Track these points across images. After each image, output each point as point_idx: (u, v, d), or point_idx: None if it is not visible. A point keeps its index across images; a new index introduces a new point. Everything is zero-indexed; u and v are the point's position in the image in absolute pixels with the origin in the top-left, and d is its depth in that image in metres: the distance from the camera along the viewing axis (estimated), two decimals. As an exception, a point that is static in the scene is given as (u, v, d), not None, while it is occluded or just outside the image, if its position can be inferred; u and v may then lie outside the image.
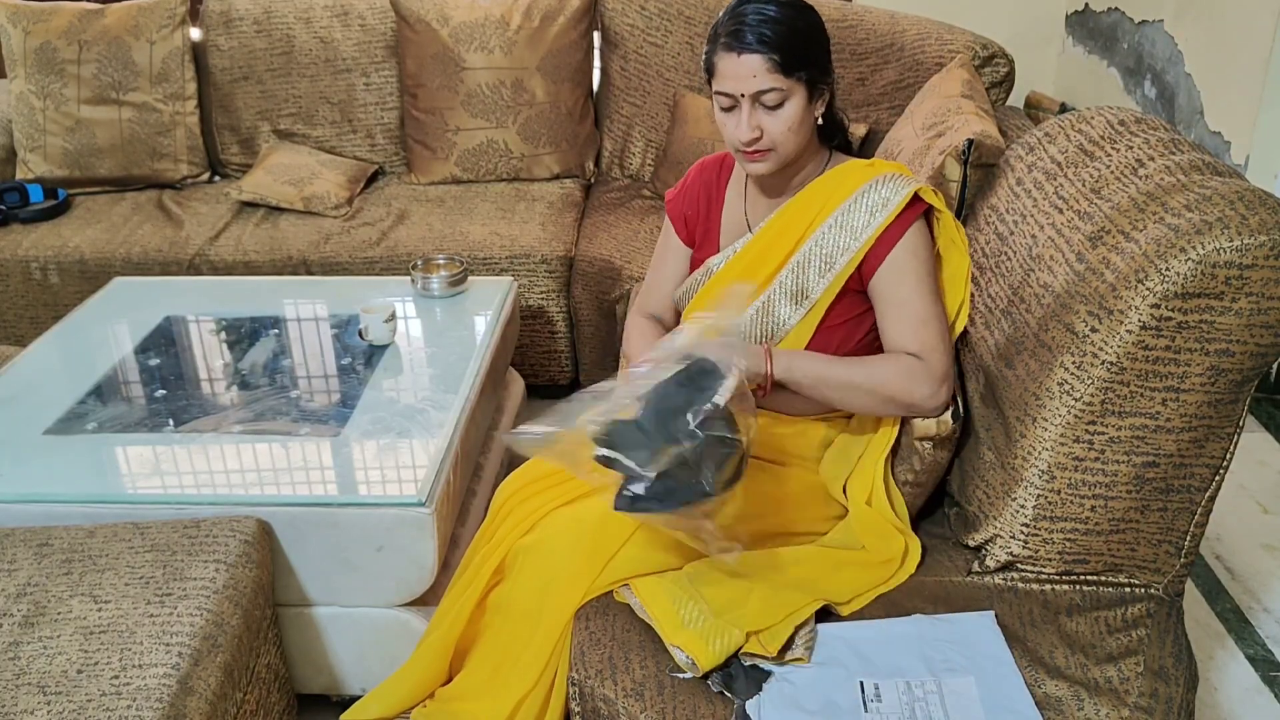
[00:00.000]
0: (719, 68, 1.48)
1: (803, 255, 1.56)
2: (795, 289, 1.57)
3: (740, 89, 1.46)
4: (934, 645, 1.37)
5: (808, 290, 1.56)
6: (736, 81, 1.46)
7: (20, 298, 2.79)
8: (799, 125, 1.49)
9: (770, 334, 1.59)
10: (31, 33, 3.04)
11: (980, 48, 2.39)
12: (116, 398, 2.01)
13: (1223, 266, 1.24)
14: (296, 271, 2.73)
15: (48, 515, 1.68)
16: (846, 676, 1.32)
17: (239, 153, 3.23)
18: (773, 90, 1.46)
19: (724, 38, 1.47)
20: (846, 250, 1.53)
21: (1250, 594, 2.15)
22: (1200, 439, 1.36)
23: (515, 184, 3.10)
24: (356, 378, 2.06)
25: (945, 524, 1.65)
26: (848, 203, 1.53)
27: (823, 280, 1.55)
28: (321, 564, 1.71)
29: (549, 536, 1.53)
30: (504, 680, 1.51)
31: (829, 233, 1.54)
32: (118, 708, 1.31)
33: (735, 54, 1.45)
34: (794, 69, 1.45)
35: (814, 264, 1.55)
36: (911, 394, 1.48)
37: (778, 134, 1.49)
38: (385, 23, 3.13)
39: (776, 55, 1.44)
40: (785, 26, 1.45)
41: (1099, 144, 1.53)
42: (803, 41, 1.46)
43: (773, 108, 1.47)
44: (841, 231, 1.53)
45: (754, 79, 1.45)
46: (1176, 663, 1.37)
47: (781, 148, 1.51)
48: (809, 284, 1.56)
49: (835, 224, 1.54)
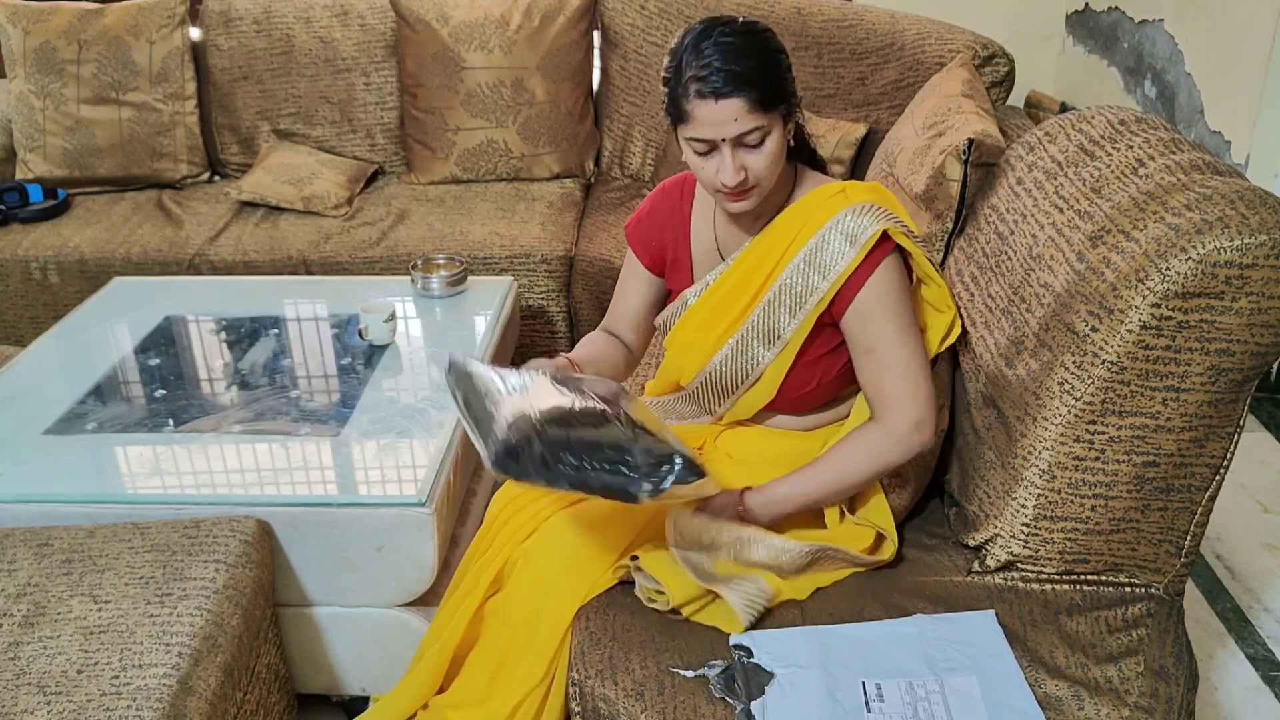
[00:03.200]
0: (694, 115, 1.39)
1: (773, 294, 1.52)
2: (766, 329, 1.54)
3: (721, 134, 1.38)
4: (935, 645, 1.37)
5: (779, 331, 1.53)
6: (716, 128, 1.38)
7: (20, 298, 2.79)
8: (779, 157, 1.44)
9: (746, 374, 1.57)
10: (31, 33, 3.04)
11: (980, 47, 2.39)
12: (116, 398, 2.00)
13: (1223, 266, 1.24)
14: (296, 271, 2.73)
15: (48, 515, 1.67)
16: (849, 677, 1.32)
17: (239, 152, 3.23)
18: (754, 130, 1.39)
19: (695, 83, 1.37)
20: (816, 291, 1.49)
21: (1250, 593, 2.15)
22: (1200, 438, 1.36)
23: (515, 184, 3.10)
24: (356, 378, 2.06)
25: (945, 524, 1.65)
26: (818, 237, 1.48)
27: (794, 320, 1.52)
28: (321, 564, 1.71)
29: (547, 542, 1.53)
30: (502, 686, 1.50)
31: (799, 270, 1.49)
32: (118, 708, 1.31)
33: (712, 100, 1.36)
34: (773, 104, 1.39)
35: (784, 304, 1.52)
36: (889, 460, 1.48)
37: (762, 170, 1.42)
38: (385, 22, 3.13)
39: (757, 94, 1.37)
40: (754, 60, 1.37)
41: (1099, 144, 1.53)
42: (776, 73, 1.40)
43: (755, 146, 1.41)
44: (811, 270, 1.48)
45: (735, 123, 1.37)
46: (1177, 662, 1.37)
47: (766, 182, 1.45)
48: (780, 324, 1.53)
49: (805, 261, 1.49)
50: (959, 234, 1.77)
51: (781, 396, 1.59)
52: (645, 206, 1.69)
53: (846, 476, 1.49)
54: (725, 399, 1.63)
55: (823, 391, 1.60)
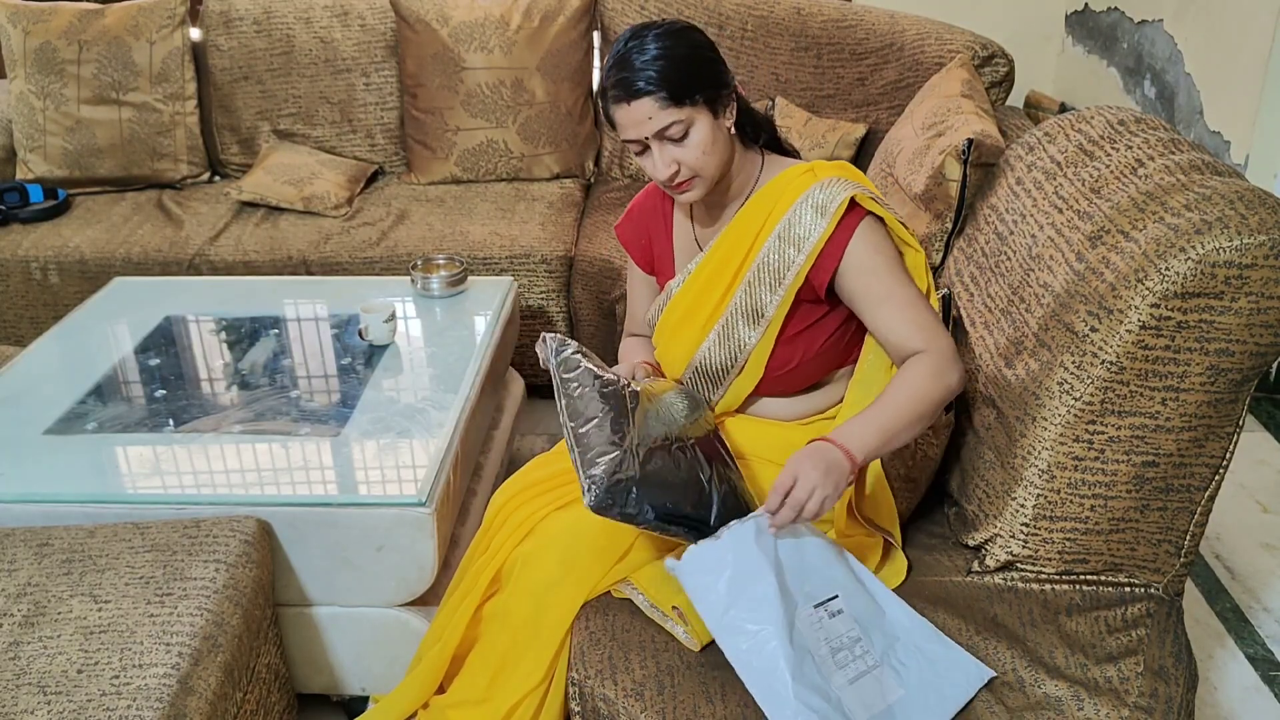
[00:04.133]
0: (616, 119, 1.48)
1: (753, 273, 1.55)
2: (750, 309, 1.56)
3: (641, 133, 1.46)
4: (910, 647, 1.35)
5: (762, 309, 1.55)
6: (635, 127, 1.46)
7: (20, 298, 2.79)
8: (712, 146, 1.48)
9: (734, 356, 1.59)
10: (31, 33, 3.04)
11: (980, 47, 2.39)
12: (116, 398, 2.01)
13: (1222, 266, 1.25)
14: (296, 271, 2.73)
15: (48, 515, 1.68)
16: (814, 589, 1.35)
17: (239, 153, 3.23)
18: (673, 124, 1.45)
19: (611, 90, 1.46)
20: (793, 264, 1.51)
21: (1250, 593, 2.15)
22: (1200, 438, 1.36)
23: (515, 184, 3.10)
24: (356, 378, 2.06)
25: (945, 524, 1.65)
26: (789, 213, 1.51)
27: (775, 297, 1.54)
28: (321, 564, 1.71)
29: (545, 543, 1.53)
30: (502, 686, 1.51)
31: (774, 246, 1.53)
32: (118, 707, 1.31)
33: (626, 103, 1.45)
34: (685, 97, 1.44)
35: (764, 281, 1.54)
36: (950, 386, 1.45)
37: (694, 161, 1.48)
38: (385, 23, 3.13)
39: (664, 91, 1.43)
40: (666, 60, 1.43)
41: (1099, 144, 1.53)
42: (688, 68, 1.45)
43: (680, 139, 1.46)
44: (786, 245, 1.52)
45: (650, 120, 1.45)
46: (1176, 662, 1.37)
47: (704, 171, 1.49)
48: (762, 302, 1.55)
49: (779, 237, 1.52)
50: (958, 234, 1.77)
51: (766, 377, 1.60)
52: (632, 209, 1.74)
53: (920, 403, 1.42)
54: (716, 388, 1.64)
55: (805, 371, 1.60)
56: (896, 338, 1.49)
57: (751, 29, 2.92)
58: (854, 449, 1.37)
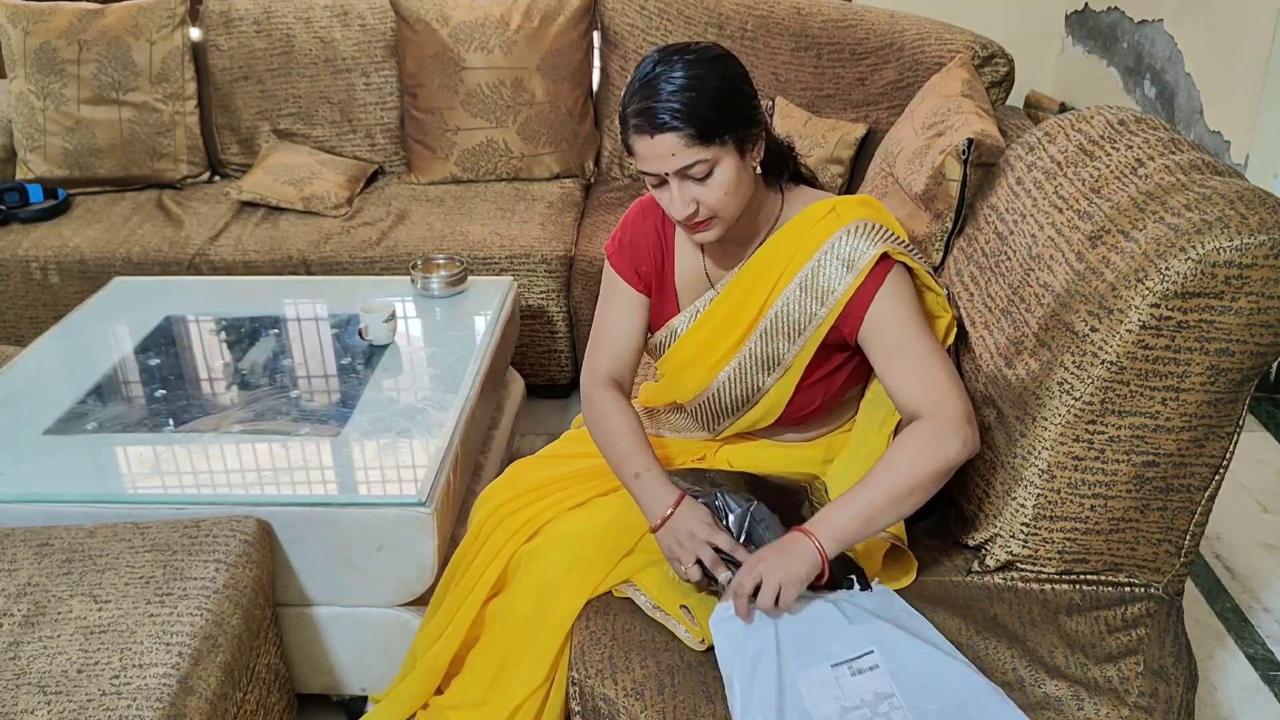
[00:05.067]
0: (636, 150, 1.35)
1: (769, 322, 1.48)
2: (766, 357, 1.51)
3: (662, 169, 1.34)
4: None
5: (779, 357, 1.50)
6: (656, 162, 1.34)
7: (20, 298, 2.79)
8: (735, 187, 1.37)
9: (748, 398, 1.56)
10: (31, 33, 3.04)
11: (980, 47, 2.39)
12: (116, 398, 2.01)
13: (1222, 266, 1.24)
14: (296, 271, 2.73)
15: (48, 515, 1.68)
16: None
17: (239, 153, 3.23)
18: (697, 164, 1.33)
19: (634, 119, 1.34)
20: (815, 317, 1.45)
21: (1250, 593, 2.15)
22: (1200, 438, 1.36)
23: (515, 184, 3.10)
24: (356, 378, 2.06)
25: (945, 524, 1.65)
26: (812, 262, 1.44)
27: (794, 347, 1.49)
28: (321, 564, 1.71)
29: (550, 544, 1.52)
30: (503, 687, 1.50)
31: (794, 297, 1.46)
32: (118, 707, 1.31)
33: (648, 135, 1.32)
34: (714, 136, 1.32)
35: (781, 331, 1.48)
36: (950, 458, 1.36)
37: (715, 202, 1.37)
38: (385, 23, 3.13)
39: (692, 129, 1.31)
40: (697, 93, 1.31)
41: (1099, 143, 1.53)
42: (720, 103, 1.33)
43: (702, 179, 1.35)
44: (808, 296, 1.45)
45: (673, 157, 1.32)
46: (1176, 662, 1.37)
47: (723, 213, 1.39)
48: (780, 351, 1.50)
49: (800, 288, 1.45)
50: (958, 234, 1.77)
51: (786, 417, 1.58)
52: (626, 232, 1.60)
53: (908, 481, 1.34)
54: (726, 418, 1.62)
55: (826, 408, 1.60)
56: (904, 396, 1.41)
57: (751, 29, 2.92)
58: (826, 541, 1.33)
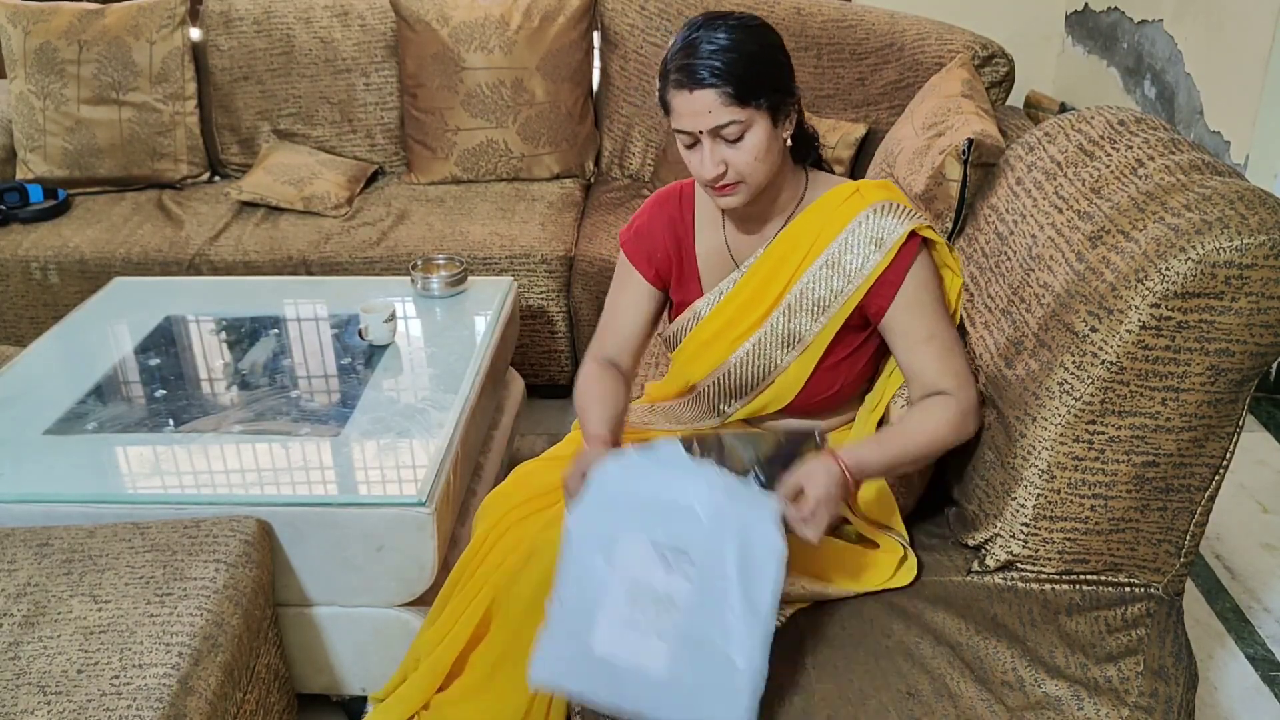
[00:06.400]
0: (673, 105, 1.40)
1: (793, 298, 1.51)
2: (787, 333, 1.53)
3: (697, 126, 1.38)
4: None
5: (800, 334, 1.52)
6: (693, 119, 1.38)
7: (20, 298, 2.79)
8: (765, 153, 1.41)
9: (763, 375, 1.57)
10: (31, 33, 3.04)
11: (980, 47, 2.39)
12: (116, 398, 2.01)
13: (1222, 266, 1.25)
14: (296, 271, 2.73)
15: (48, 515, 1.68)
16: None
17: (239, 153, 3.23)
18: (731, 124, 1.37)
19: (674, 74, 1.39)
20: (840, 294, 1.49)
21: (1250, 593, 2.15)
22: (1200, 438, 1.36)
23: (515, 184, 3.10)
24: (356, 378, 2.06)
25: (945, 524, 1.65)
26: (839, 240, 1.48)
27: (816, 324, 1.51)
28: (321, 564, 1.71)
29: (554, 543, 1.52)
30: (506, 683, 1.50)
31: (820, 274, 1.49)
32: (118, 708, 1.31)
33: (688, 90, 1.37)
34: (750, 98, 1.37)
35: (805, 308, 1.51)
36: (962, 435, 1.48)
37: (744, 166, 1.41)
38: (385, 23, 3.13)
39: (730, 87, 1.35)
40: (737, 54, 1.36)
41: (1099, 144, 1.53)
42: (758, 67, 1.38)
43: (735, 140, 1.39)
44: (834, 273, 1.48)
45: (709, 114, 1.37)
46: (1176, 662, 1.37)
47: (751, 178, 1.43)
48: (801, 328, 1.52)
49: (826, 265, 1.48)
50: (958, 234, 1.77)
51: (803, 399, 1.58)
52: (642, 220, 1.63)
53: (931, 445, 1.46)
54: (737, 399, 1.62)
55: (843, 395, 1.60)
56: (928, 377, 1.49)
57: (751, 29, 2.92)
58: (854, 472, 1.35)
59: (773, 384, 1.57)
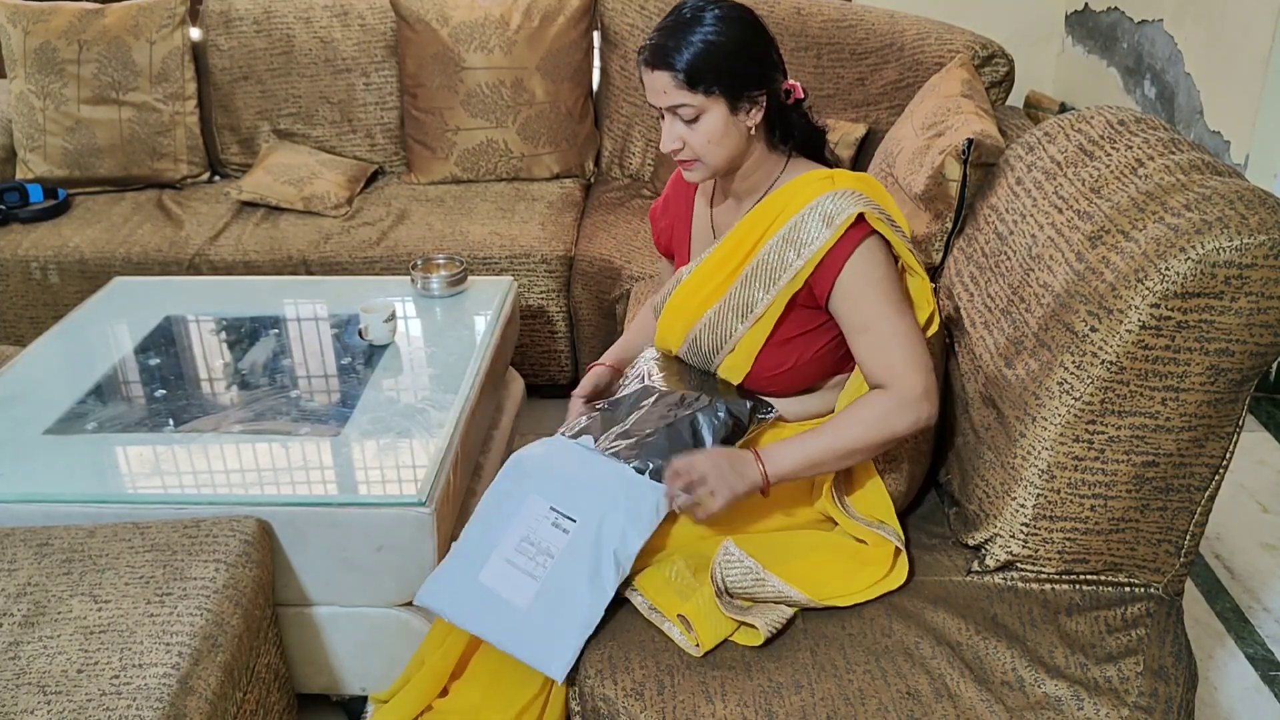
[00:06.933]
0: (642, 80, 1.51)
1: (750, 269, 1.55)
2: (741, 303, 1.56)
3: (656, 102, 1.50)
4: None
5: (753, 305, 1.55)
6: (652, 95, 1.50)
7: (20, 298, 2.79)
8: (720, 138, 1.50)
9: (719, 344, 1.60)
10: (31, 33, 3.04)
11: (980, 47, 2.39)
12: (116, 398, 2.01)
13: (1222, 266, 1.25)
14: (296, 271, 2.73)
15: (48, 515, 1.68)
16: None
17: (239, 153, 3.23)
18: (684, 105, 1.47)
19: (644, 50, 1.49)
20: (790, 267, 1.51)
21: (1250, 593, 2.15)
22: (1200, 438, 1.36)
23: (515, 184, 3.10)
24: (356, 378, 2.06)
25: (945, 523, 1.65)
26: (798, 217, 1.50)
27: (767, 295, 1.54)
28: (321, 564, 1.71)
29: None
30: (505, 686, 1.50)
31: (775, 248, 1.52)
32: (118, 707, 1.31)
33: (649, 69, 1.48)
34: (700, 84, 1.45)
35: (759, 279, 1.54)
36: (895, 429, 1.46)
37: (699, 146, 1.51)
38: (385, 23, 3.13)
39: (681, 73, 1.45)
40: (700, 41, 1.45)
41: (1099, 144, 1.53)
42: (717, 58, 1.45)
43: (690, 121, 1.49)
44: (787, 247, 1.51)
45: (664, 94, 1.48)
46: (1176, 662, 1.37)
47: (706, 159, 1.52)
48: (754, 298, 1.55)
49: (782, 239, 1.51)
50: (958, 234, 1.77)
51: (757, 373, 1.60)
52: (665, 192, 1.81)
53: (852, 441, 1.47)
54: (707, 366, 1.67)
55: (798, 375, 1.61)
56: (866, 368, 1.51)
57: (751, 29, 2.92)
58: (772, 473, 1.46)
59: (732, 352, 1.60)
